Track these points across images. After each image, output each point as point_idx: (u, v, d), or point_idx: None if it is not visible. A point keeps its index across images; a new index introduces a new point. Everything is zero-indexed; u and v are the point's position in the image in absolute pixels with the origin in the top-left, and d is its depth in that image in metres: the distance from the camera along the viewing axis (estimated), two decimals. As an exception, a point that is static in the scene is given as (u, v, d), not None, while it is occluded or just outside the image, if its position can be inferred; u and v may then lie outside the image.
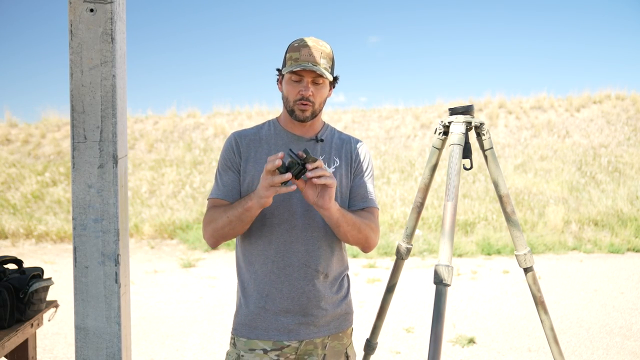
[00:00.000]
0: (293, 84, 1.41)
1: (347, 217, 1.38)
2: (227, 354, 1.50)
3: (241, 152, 1.47)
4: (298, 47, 1.39)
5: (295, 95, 1.41)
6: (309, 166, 1.23)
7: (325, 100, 1.47)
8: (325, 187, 1.28)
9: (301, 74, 1.39)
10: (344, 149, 1.53)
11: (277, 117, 1.56)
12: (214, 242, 1.42)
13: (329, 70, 1.42)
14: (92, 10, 0.98)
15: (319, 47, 1.40)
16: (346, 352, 1.53)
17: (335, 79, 1.49)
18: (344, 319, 1.52)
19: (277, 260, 1.43)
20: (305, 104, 1.40)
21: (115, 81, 0.99)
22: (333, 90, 1.51)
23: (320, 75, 1.40)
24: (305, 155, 1.23)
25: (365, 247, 1.47)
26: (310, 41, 1.40)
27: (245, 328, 1.46)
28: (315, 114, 1.44)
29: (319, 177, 1.24)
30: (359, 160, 1.54)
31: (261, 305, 1.44)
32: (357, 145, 1.55)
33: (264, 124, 1.55)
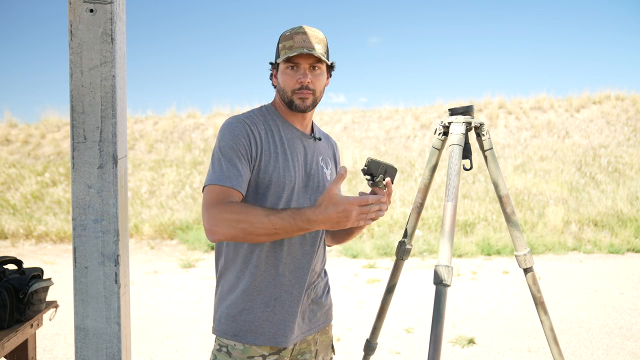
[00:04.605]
0: (290, 72, 1.32)
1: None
2: None
3: (257, 143, 1.30)
4: (291, 35, 1.32)
5: (294, 84, 1.32)
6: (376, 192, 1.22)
7: (324, 89, 1.40)
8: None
9: (297, 61, 1.31)
10: (330, 150, 1.54)
11: (271, 107, 1.42)
12: (231, 238, 1.20)
13: (325, 55, 1.34)
14: (92, 10, 0.98)
15: (312, 32, 1.32)
16: (332, 344, 1.55)
17: (332, 65, 1.42)
18: (329, 312, 1.53)
19: (287, 262, 1.35)
20: (306, 93, 1.32)
21: (115, 81, 0.99)
22: (330, 78, 1.44)
23: (319, 61, 1.32)
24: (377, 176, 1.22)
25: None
26: (302, 28, 1.33)
27: (249, 334, 1.33)
28: (315, 103, 1.37)
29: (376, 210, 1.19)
30: (338, 163, 1.56)
31: (269, 310, 1.33)
32: (337, 147, 1.59)
33: (262, 113, 1.39)
